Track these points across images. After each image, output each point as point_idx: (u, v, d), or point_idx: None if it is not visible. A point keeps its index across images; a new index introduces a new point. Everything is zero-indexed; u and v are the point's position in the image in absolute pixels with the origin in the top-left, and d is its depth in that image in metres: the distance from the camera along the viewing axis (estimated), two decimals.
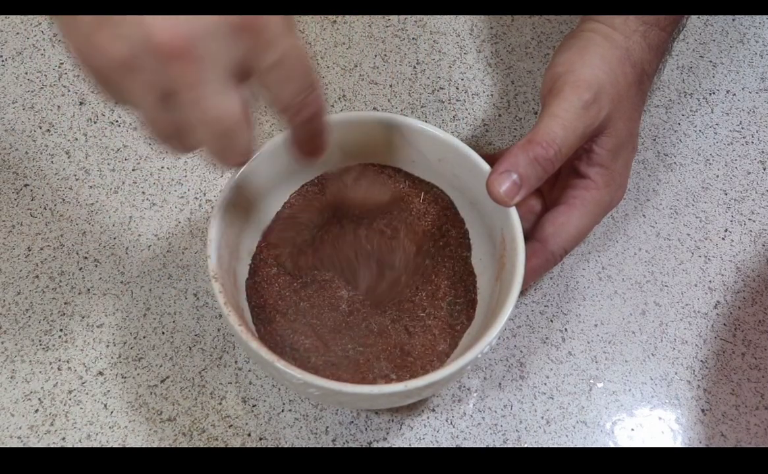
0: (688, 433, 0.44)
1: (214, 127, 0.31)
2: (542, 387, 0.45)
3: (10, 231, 0.49)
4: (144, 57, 0.29)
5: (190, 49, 0.29)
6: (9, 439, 0.42)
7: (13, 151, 0.52)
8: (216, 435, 0.43)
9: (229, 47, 0.30)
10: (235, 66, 0.30)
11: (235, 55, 0.30)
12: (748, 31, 0.59)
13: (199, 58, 0.29)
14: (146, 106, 0.31)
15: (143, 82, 0.30)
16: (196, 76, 0.29)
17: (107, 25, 0.29)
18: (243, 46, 0.30)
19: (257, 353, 0.37)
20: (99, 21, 0.29)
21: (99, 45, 0.29)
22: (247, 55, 0.30)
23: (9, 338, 0.45)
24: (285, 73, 0.32)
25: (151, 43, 0.28)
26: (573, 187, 0.44)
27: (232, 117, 0.31)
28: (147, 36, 0.28)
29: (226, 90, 0.30)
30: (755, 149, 0.54)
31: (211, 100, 0.30)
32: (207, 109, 0.30)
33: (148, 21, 0.28)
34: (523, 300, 0.48)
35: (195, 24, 0.29)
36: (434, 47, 0.58)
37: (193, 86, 0.30)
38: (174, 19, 0.28)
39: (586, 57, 0.43)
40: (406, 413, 0.44)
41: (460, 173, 0.44)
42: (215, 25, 0.29)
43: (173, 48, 0.29)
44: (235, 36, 0.29)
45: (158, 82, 0.30)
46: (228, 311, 0.38)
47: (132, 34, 0.29)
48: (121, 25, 0.29)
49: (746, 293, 0.48)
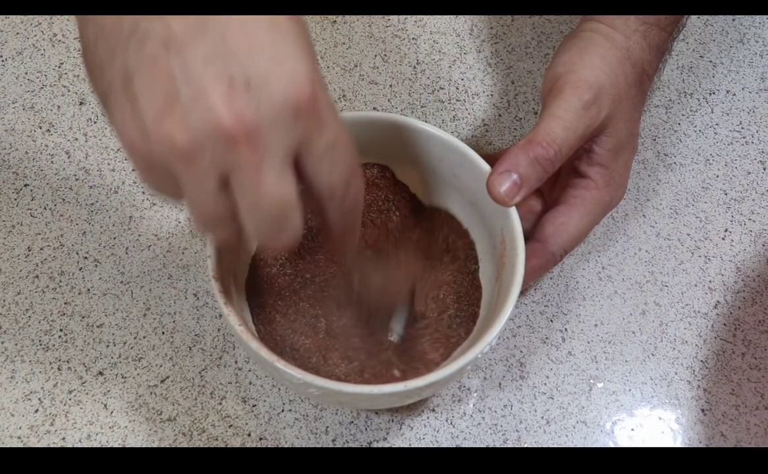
0: (688, 433, 0.44)
1: (270, 211, 0.31)
2: (542, 387, 0.45)
3: (10, 231, 0.49)
4: (210, 143, 0.29)
5: (256, 133, 0.29)
6: (9, 439, 0.42)
7: (13, 151, 0.52)
8: (216, 435, 0.43)
9: (290, 130, 0.30)
10: (293, 149, 0.30)
11: (294, 138, 0.30)
12: (748, 31, 0.59)
13: (263, 142, 0.29)
14: (199, 191, 0.30)
15: (203, 168, 0.29)
16: (260, 160, 0.29)
17: (175, 113, 0.28)
18: (302, 129, 0.30)
19: (257, 353, 0.37)
20: (166, 109, 0.29)
21: (164, 133, 0.29)
22: (304, 138, 0.30)
23: (9, 338, 0.45)
24: (336, 156, 0.32)
25: (218, 129, 0.28)
26: (573, 186, 0.44)
27: (289, 201, 0.31)
28: (215, 122, 0.28)
29: (285, 173, 0.30)
30: (755, 149, 0.54)
31: (271, 184, 0.30)
32: (266, 194, 0.30)
33: (218, 108, 0.28)
34: (523, 300, 0.48)
35: (261, 108, 0.29)
36: (434, 47, 0.58)
37: (255, 170, 0.29)
38: (240, 103, 0.28)
39: (587, 57, 0.43)
40: (406, 413, 0.44)
41: (460, 173, 0.44)
42: (280, 109, 0.29)
43: (240, 133, 0.28)
44: (296, 119, 0.29)
45: (219, 166, 0.29)
46: (228, 311, 0.38)
47: (200, 120, 0.28)
48: (190, 110, 0.28)
49: (746, 293, 0.48)
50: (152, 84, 0.29)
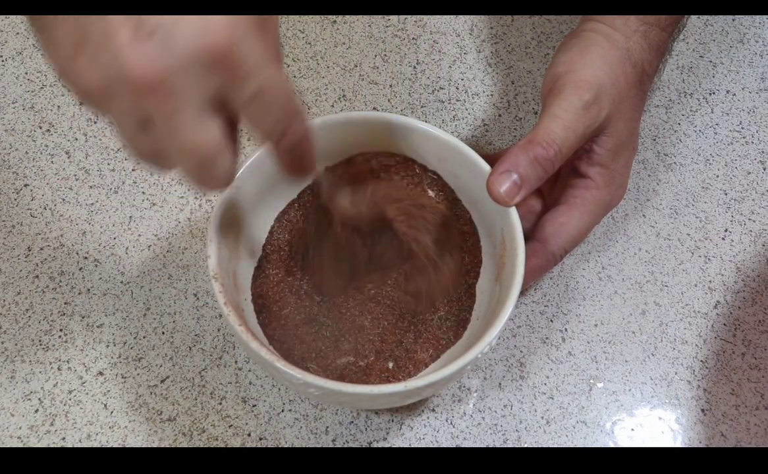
0: (688, 433, 0.44)
1: (191, 155, 0.31)
2: (542, 387, 0.45)
3: (10, 231, 0.49)
4: (119, 87, 0.29)
5: (163, 82, 0.29)
6: (9, 439, 0.42)
7: (13, 151, 0.52)
8: (216, 435, 0.43)
9: (203, 80, 0.30)
10: (211, 97, 0.30)
11: (210, 87, 0.30)
12: (748, 31, 0.59)
13: (173, 91, 0.29)
14: (125, 128, 0.31)
15: (120, 109, 0.30)
16: (171, 108, 0.30)
17: (84, 53, 0.29)
18: (218, 79, 0.30)
19: (257, 353, 0.37)
20: (75, 48, 0.29)
21: (77, 71, 0.29)
22: (223, 88, 0.30)
23: (9, 338, 0.45)
24: (264, 104, 0.32)
25: (125, 75, 0.29)
26: (573, 186, 0.44)
27: (209, 145, 0.31)
28: (121, 68, 0.29)
29: (202, 119, 0.31)
30: (755, 149, 0.54)
31: (188, 130, 0.30)
32: (184, 139, 0.31)
33: (123, 53, 0.28)
34: (523, 300, 0.48)
35: (168, 58, 0.29)
36: (434, 47, 0.58)
37: (168, 117, 0.30)
38: (148, 52, 0.29)
39: (587, 57, 0.43)
40: (406, 413, 0.44)
41: (460, 173, 0.44)
42: (189, 59, 0.29)
43: (147, 82, 0.29)
44: (209, 70, 0.29)
45: (134, 110, 0.30)
46: (228, 311, 0.38)
47: (107, 64, 0.29)
48: (97, 55, 0.29)
49: (746, 293, 0.48)
50: (70, 30, 0.29)
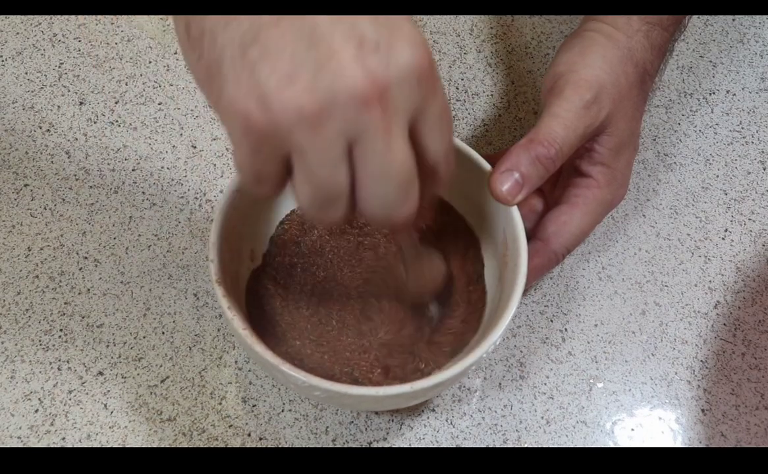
0: (688, 433, 0.44)
1: (398, 179, 0.30)
2: (542, 387, 0.45)
3: (10, 231, 0.49)
4: (340, 106, 0.27)
5: (385, 95, 0.28)
6: (9, 439, 0.42)
7: (13, 151, 0.52)
8: (216, 435, 0.43)
9: (413, 94, 0.29)
10: (413, 115, 0.29)
11: (415, 103, 0.29)
12: (748, 31, 0.60)
13: (393, 105, 0.28)
14: (322, 163, 0.29)
15: (330, 135, 0.28)
16: (389, 124, 0.28)
17: (302, 76, 0.27)
18: (422, 95, 0.29)
19: (262, 357, 0.36)
20: (291, 73, 0.27)
21: (289, 98, 0.27)
22: (421, 104, 0.29)
23: (9, 338, 0.45)
24: (444, 126, 0.31)
25: (350, 90, 0.27)
26: (575, 185, 0.44)
27: (413, 169, 0.30)
28: (347, 83, 0.27)
29: (407, 140, 0.29)
30: (755, 149, 0.54)
31: (399, 151, 0.29)
32: (394, 160, 0.29)
33: (349, 69, 0.27)
34: (523, 300, 0.48)
35: (390, 69, 0.28)
36: (434, 47, 0.58)
37: (385, 134, 0.28)
38: (373, 66, 0.27)
39: (588, 57, 0.43)
40: (406, 413, 0.44)
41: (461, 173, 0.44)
42: (407, 71, 0.28)
43: (373, 94, 0.27)
44: (418, 84, 0.29)
45: (347, 133, 0.28)
46: (232, 316, 0.37)
47: (330, 83, 0.27)
48: (319, 75, 0.27)
49: (746, 293, 0.48)
50: (275, 47, 0.27)
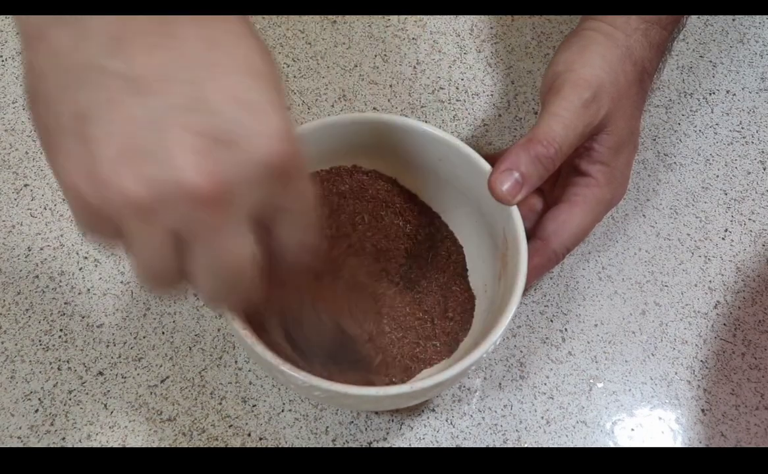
0: (688, 433, 0.44)
1: (227, 271, 0.29)
2: (542, 387, 0.45)
3: (10, 231, 0.49)
4: (170, 201, 0.26)
5: (225, 194, 0.26)
6: (9, 439, 0.42)
7: (13, 151, 0.52)
8: (216, 435, 0.43)
9: (260, 191, 0.27)
10: (259, 208, 0.28)
11: (262, 198, 0.28)
12: (748, 31, 0.60)
13: (231, 204, 0.27)
14: (149, 250, 0.28)
15: (157, 227, 0.27)
16: (223, 223, 0.27)
17: (135, 163, 0.25)
18: (272, 190, 0.28)
19: (262, 357, 0.36)
20: (124, 158, 0.25)
21: (119, 184, 0.25)
22: (272, 199, 0.28)
23: (9, 338, 0.45)
24: (299, 221, 0.30)
25: (182, 188, 0.25)
26: (574, 184, 0.44)
27: (245, 262, 0.29)
28: (179, 180, 0.25)
29: (245, 233, 0.28)
30: (755, 149, 0.54)
31: (231, 247, 0.28)
32: (223, 255, 0.28)
33: (178, 162, 0.25)
34: (523, 300, 0.48)
35: (233, 168, 0.26)
36: (434, 47, 0.58)
37: (216, 233, 0.27)
38: (209, 161, 0.26)
39: (587, 56, 0.43)
40: (406, 413, 0.44)
41: (461, 173, 0.44)
42: (254, 169, 0.26)
43: (206, 195, 0.26)
44: (268, 180, 0.27)
45: (175, 225, 0.27)
46: (232, 316, 0.37)
47: (162, 176, 0.25)
48: (149, 163, 0.25)
49: (746, 293, 0.48)
50: (112, 127, 0.26)
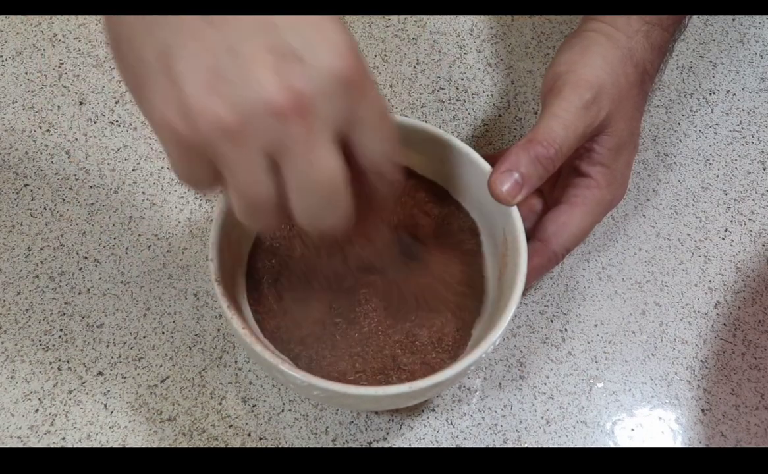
0: (688, 433, 0.44)
1: (323, 189, 0.29)
2: (542, 387, 0.45)
3: (10, 231, 0.49)
4: (260, 119, 0.27)
5: (309, 108, 0.27)
6: (9, 439, 0.42)
7: (13, 151, 0.52)
8: (216, 435, 0.43)
9: (339, 103, 0.29)
10: (341, 123, 0.29)
11: (343, 111, 0.29)
12: (748, 31, 0.60)
13: (317, 117, 0.28)
14: (247, 174, 0.29)
15: (252, 148, 0.28)
16: (312, 135, 0.28)
17: (221, 89, 0.27)
18: (350, 102, 0.29)
19: (261, 356, 0.36)
20: (208, 83, 0.27)
21: (210, 111, 0.27)
22: (352, 112, 0.29)
23: (9, 338, 0.45)
24: (383, 131, 0.31)
25: (269, 104, 0.27)
26: (574, 185, 0.44)
27: (340, 178, 0.30)
28: (265, 96, 0.27)
29: (335, 147, 0.29)
30: (755, 149, 0.54)
31: (324, 160, 0.29)
32: (318, 171, 0.29)
33: (268, 81, 0.27)
34: (523, 300, 0.48)
35: (312, 80, 0.27)
36: (434, 47, 0.58)
37: (307, 146, 0.28)
38: (294, 78, 0.27)
39: (587, 57, 0.43)
40: (406, 413, 0.44)
41: (461, 173, 0.44)
42: (330, 80, 0.28)
43: (292, 107, 0.27)
44: (345, 91, 0.28)
45: (269, 145, 0.28)
46: (231, 315, 0.37)
47: (248, 96, 0.27)
48: (237, 86, 0.27)
49: (746, 293, 0.48)
50: (195, 60, 0.27)
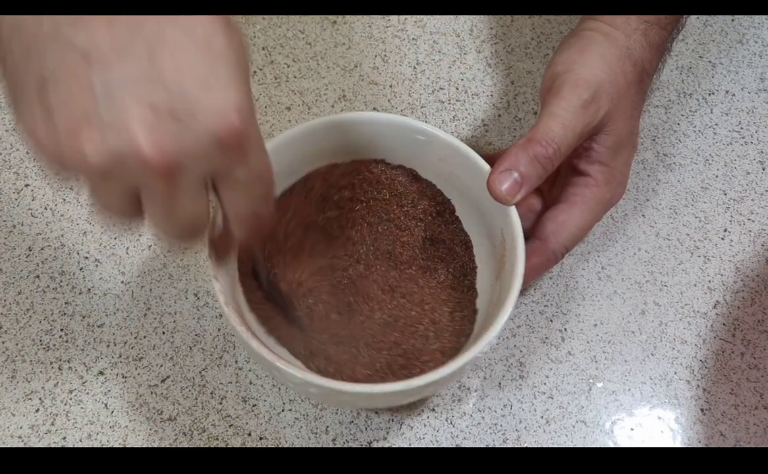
0: (687, 433, 0.44)
1: (180, 226, 0.31)
2: (542, 387, 0.45)
3: (11, 231, 0.49)
4: (124, 166, 0.28)
5: (174, 167, 0.28)
6: (10, 438, 0.42)
7: (14, 151, 0.52)
8: (216, 435, 0.43)
9: (211, 161, 0.29)
10: (211, 174, 0.31)
11: (215, 166, 0.30)
12: (748, 31, 0.60)
13: (182, 175, 0.29)
14: (108, 200, 0.30)
15: (116, 185, 0.29)
16: (175, 188, 0.29)
17: (92, 130, 0.27)
18: (223, 160, 0.29)
19: (258, 353, 0.37)
20: (82, 125, 0.27)
21: (77, 149, 0.27)
22: (223, 168, 0.30)
23: (10, 338, 0.45)
24: (251, 191, 0.32)
25: (135, 156, 0.27)
26: (573, 184, 0.45)
27: (199, 218, 0.31)
28: (132, 149, 0.27)
29: (199, 194, 0.31)
30: (754, 149, 0.54)
31: (184, 206, 0.30)
32: (178, 214, 0.31)
33: (132, 133, 0.27)
34: (522, 300, 0.48)
35: (184, 141, 0.28)
36: (434, 47, 0.58)
37: (169, 197, 0.29)
38: (161, 133, 0.27)
39: (586, 56, 0.43)
40: (406, 413, 0.44)
41: (460, 173, 0.44)
42: (204, 142, 0.28)
43: (158, 165, 0.28)
44: (219, 151, 0.29)
45: (132, 186, 0.29)
46: (229, 311, 0.38)
47: (117, 144, 0.27)
48: (109, 131, 0.27)
49: (745, 293, 0.49)
50: (69, 97, 0.27)
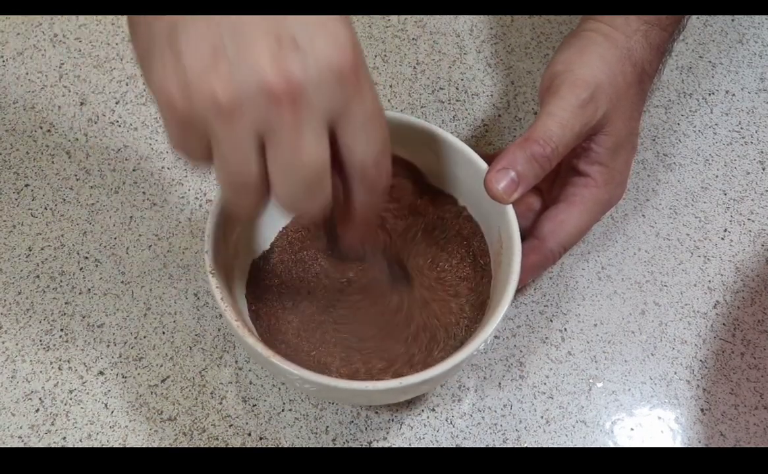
0: (687, 433, 0.44)
1: (305, 175, 0.31)
2: (542, 387, 0.45)
3: (11, 231, 0.49)
4: (253, 100, 0.29)
5: (300, 94, 0.29)
6: (10, 438, 0.42)
7: (14, 151, 0.52)
8: (216, 435, 0.43)
9: (332, 94, 0.30)
10: (332, 115, 0.30)
11: (335, 103, 0.30)
12: (748, 31, 0.60)
13: (308, 104, 0.29)
14: (234, 152, 0.30)
15: (242, 127, 0.29)
16: (301, 122, 0.29)
17: (220, 64, 0.28)
18: (343, 95, 0.30)
19: (254, 349, 0.37)
20: (211, 58, 0.28)
21: (206, 87, 0.28)
22: (343, 105, 0.30)
23: (10, 338, 0.45)
24: (372, 130, 0.32)
25: (263, 86, 0.28)
26: (573, 184, 0.45)
27: (323, 166, 0.31)
28: (260, 79, 0.28)
29: (322, 138, 0.30)
30: (754, 149, 0.54)
31: (309, 147, 0.30)
32: (303, 157, 0.30)
33: (265, 64, 0.28)
34: (522, 300, 0.48)
35: (307, 69, 0.29)
36: (434, 47, 0.58)
37: (295, 132, 0.29)
38: (291, 65, 0.28)
39: (585, 56, 0.43)
40: (406, 413, 0.44)
41: (460, 173, 0.44)
42: (325, 71, 0.29)
43: (285, 93, 0.28)
44: (339, 84, 0.29)
45: (259, 126, 0.29)
46: (225, 307, 0.38)
47: (245, 76, 0.28)
48: (236, 65, 0.28)
49: (745, 293, 0.48)
50: (199, 38, 0.29)
